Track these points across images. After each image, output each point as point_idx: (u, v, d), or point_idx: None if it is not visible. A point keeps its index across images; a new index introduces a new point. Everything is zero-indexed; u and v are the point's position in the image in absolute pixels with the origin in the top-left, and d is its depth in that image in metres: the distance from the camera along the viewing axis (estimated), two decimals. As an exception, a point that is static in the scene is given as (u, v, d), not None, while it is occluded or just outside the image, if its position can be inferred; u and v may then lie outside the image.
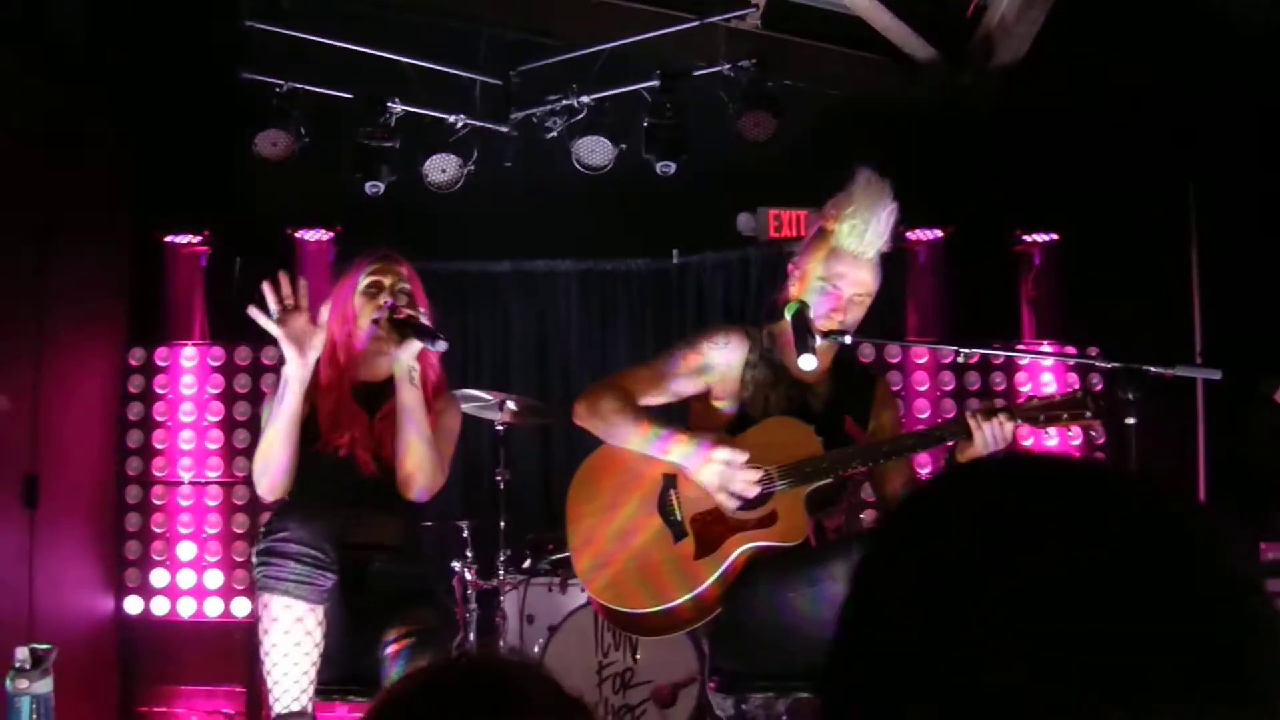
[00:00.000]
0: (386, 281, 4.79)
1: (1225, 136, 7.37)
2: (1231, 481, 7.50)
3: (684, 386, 4.73)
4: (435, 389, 4.85)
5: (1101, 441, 7.28)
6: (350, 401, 4.71)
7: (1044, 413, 4.35)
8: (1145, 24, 7.31)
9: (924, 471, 5.30)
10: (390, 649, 4.23)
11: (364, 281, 4.80)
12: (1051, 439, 7.38)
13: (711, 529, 4.48)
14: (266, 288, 4.43)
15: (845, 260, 4.55)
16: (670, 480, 4.59)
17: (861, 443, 4.66)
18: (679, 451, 4.50)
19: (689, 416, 4.84)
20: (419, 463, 4.59)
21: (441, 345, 4.55)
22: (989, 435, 4.29)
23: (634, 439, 4.57)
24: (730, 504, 4.44)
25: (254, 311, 4.45)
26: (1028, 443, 8.02)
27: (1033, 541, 1.07)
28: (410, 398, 4.58)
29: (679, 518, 4.54)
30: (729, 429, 4.63)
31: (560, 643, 6.66)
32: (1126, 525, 1.08)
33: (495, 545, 6.99)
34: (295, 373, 4.41)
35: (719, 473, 4.42)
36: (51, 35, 7.36)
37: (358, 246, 5.08)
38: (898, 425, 5.01)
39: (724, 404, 4.70)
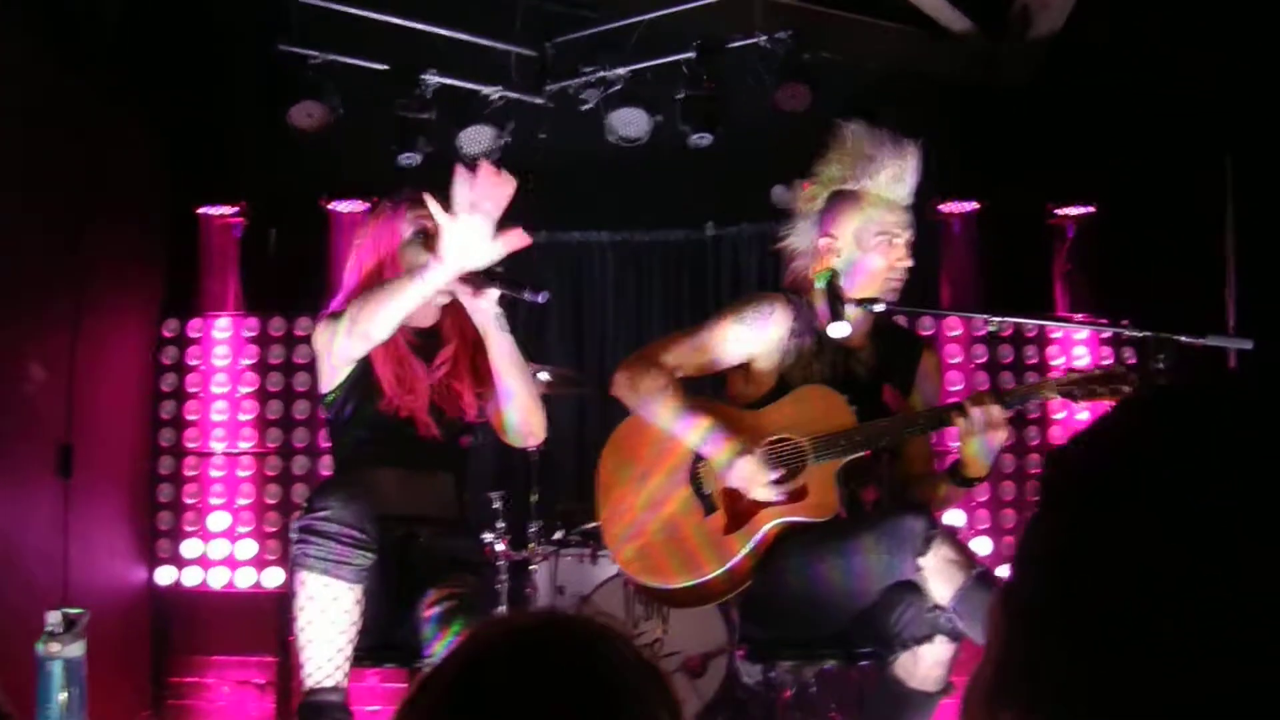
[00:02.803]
0: (433, 226, 4.34)
1: (1262, 109, 7.30)
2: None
3: (727, 356, 4.70)
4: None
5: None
6: (411, 358, 4.56)
7: (1080, 386, 4.34)
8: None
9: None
10: (431, 610, 4.19)
11: (408, 230, 4.55)
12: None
13: (742, 502, 4.47)
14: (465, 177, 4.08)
15: (893, 210, 4.60)
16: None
17: (897, 414, 4.65)
18: (697, 438, 4.50)
19: (727, 384, 4.84)
20: (530, 408, 4.56)
21: (543, 296, 4.39)
22: (976, 419, 4.30)
23: (663, 416, 4.55)
24: (764, 496, 4.42)
25: (430, 199, 4.15)
26: (1059, 415, 8.04)
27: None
28: (506, 344, 4.46)
29: (709, 491, 4.55)
30: (769, 396, 4.63)
31: (590, 613, 6.66)
32: None
33: (527, 516, 6.99)
34: (435, 276, 4.13)
35: (745, 476, 4.40)
36: (86, 7, 7.37)
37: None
38: (936, 398, 4.98)
39: (766, 372, 4.68)
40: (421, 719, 1.44)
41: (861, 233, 4.58)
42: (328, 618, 4.02)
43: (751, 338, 4.66)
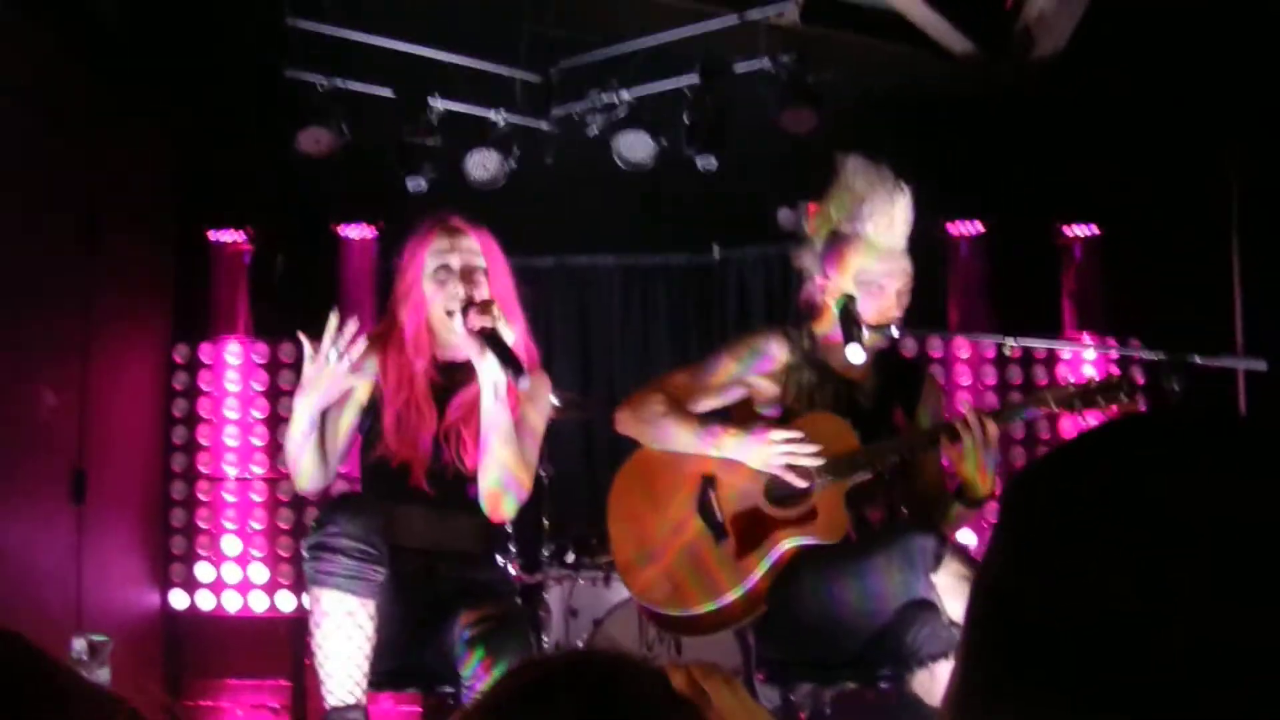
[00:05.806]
0: (455, 264, 4.46)
1: (1267, 129, 7.33)
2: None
3: (726, 394, 4.75)
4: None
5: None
6: (424, 404, 4.47)
7: (1079, 398, 4.38)
8: (1187, 17, 7.28)
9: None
10: (468, 633, 4.12)
11: (431, 264, 4.49)
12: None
13: (751, 528, 4.52)
14: (334, 328, 4.20)
15: (882, 257, 4.57)
16: (709, 481, 4.63)
17: (898, 435, 4.69)
18: (729, 443, 4.51)
19: (732, 420, 4.82)
20: (504, 483, 4.37)
21: (524, 384, 4.21)
22: (974, 433, 4.34)
23: (681, 437, 4.57)
24: (798, 481, 4.44)
25: (304, 339, 4.25)
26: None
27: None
28: (496, 415, 4.30)
29: (720, 519, 4.58)
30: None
31: (605, 637, 6.66)
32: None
33: (539, 539, 7.00)
34: (302, 409, 4.28)
35: (782, 451, 4.43)
36: (96, 34, 7.41)
37: (400, 243, 4.69)
38: (940, 419, 5.01)
39: (767, 408, 4.72)
40: None
41: (856, 276, 4.58)
42: (343, 634, 4.03)
43: (750, 374, 4.72)
